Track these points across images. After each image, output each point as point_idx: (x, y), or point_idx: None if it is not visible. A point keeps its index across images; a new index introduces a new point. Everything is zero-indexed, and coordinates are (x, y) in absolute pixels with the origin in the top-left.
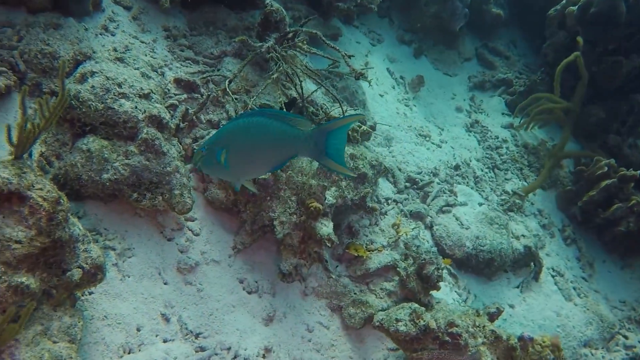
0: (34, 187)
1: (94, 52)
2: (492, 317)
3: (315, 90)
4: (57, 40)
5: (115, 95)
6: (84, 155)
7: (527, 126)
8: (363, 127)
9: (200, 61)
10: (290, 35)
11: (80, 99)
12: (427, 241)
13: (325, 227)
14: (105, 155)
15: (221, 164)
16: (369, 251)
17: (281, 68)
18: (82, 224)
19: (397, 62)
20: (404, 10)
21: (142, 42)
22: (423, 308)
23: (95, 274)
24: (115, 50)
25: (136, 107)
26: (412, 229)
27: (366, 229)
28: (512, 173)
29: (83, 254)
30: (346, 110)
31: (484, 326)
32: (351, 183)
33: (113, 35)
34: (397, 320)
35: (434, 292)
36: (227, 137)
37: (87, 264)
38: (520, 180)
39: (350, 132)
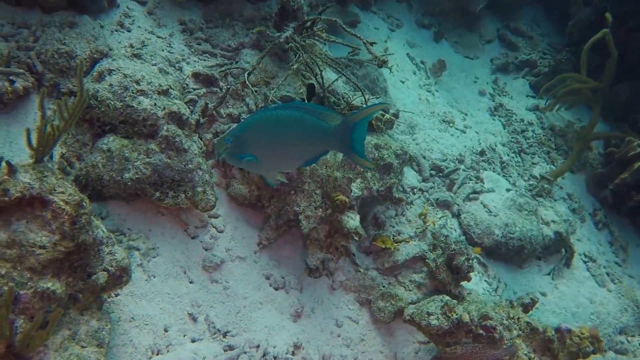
0: (55, 190)
1: (110, 50)
2: (526, 308)
3: (336, 80)
4: (73, 39)
5: (133, 92)
6: (104, 155)
7: (553, 107)
8: (386, 115)
9: (218, 54)
10: (309, 24)
11: (99, 98)
12: (455, 230)
13: (352, 220)
14: (126, 155)
15: (249, 157)
16: (396, 243)
17: (301, 58)
18: (105, 224)
19: (417, 46)
20: None
21: (159, 37)
22: (455, 301)
23: (120, 277)
24: (131, 46)
25: (155, 104)
26: (439, 218)
27: (392, 219)
28: (539, 157)
29: (108, 256)
30: (369, 99)
31: (518, 318)
32: (376, 174)
33: (129, 31)
34: (429, 313)
35: (464, 283)
36: (256, 129)
37: (112, 266)
38: (547, 164)
39: (373, 122)
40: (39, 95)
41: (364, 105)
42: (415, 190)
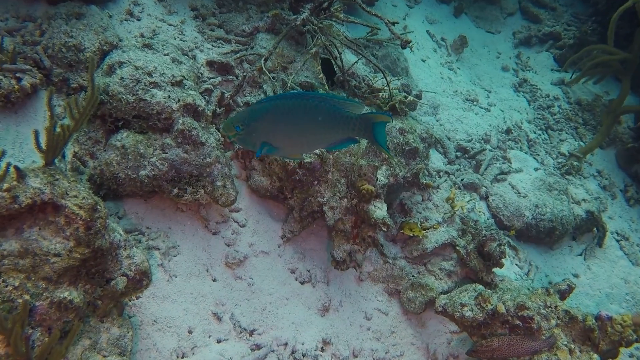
0: (68, 194)
1: (120, 40)
2: (563, 295)
3: (356, 62)
4: (81, 30)
5: (146, 85)
6: (118, 152)
7: (580, 81)
8: (409, 97)
9: (233, 40)
10: (326, 4)
11: (110, 93)
12: (484, 213)
13: (379, 210)
14: (141, 151)
15: (265, 145)
16: (424, 230)
17: (319, 41)
18: (122, 224)
19: (437, 23)
20: None
21: (170, 24)
22: (489, 290)
23: (140, 280)
24: (142, 36)
25: (169, 97)
26: (467, 201)
27: (419, 205)
28: (567, 133)
29: (126, 260)
30: (390, 81)
31: (556, 306)
32: (402, 159)
33: (139, 20)
34: (462, 305)
35: (496, 269)
36: (269, 119)
37: (131, 270)
38: (576, 141)
39: (397, 105)
40: (47, 94)
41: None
42: (441, 173)
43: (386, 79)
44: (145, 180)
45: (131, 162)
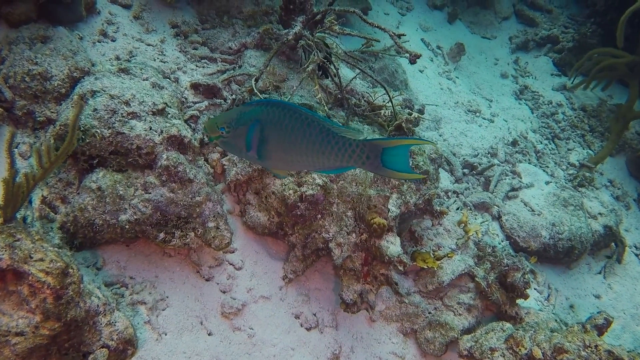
0: (32, 258)
1: (92, 65)
2: (600, 330)
3: (355, 77)
4: (47, 56)
5: (123, 116)
6: (94, 195)
7: (586, 86)
8: (413, 113)
9: (218, 59)
10: (319, 17)
11: (82, 128)
12: (497, 235)
13: (393, 245)
14: (120, 192)
15: (251, 151)
16: (437, 259)
17: (316, 58)
18: (102, 276)
19: (431, 30)
20: None
21: (149, 44)
22: (520, 331)
23: (124, 350)
24: (117, 58)
25: (150, 128)
26: (480, 223)
27: (429, 231)
28: (574, 141)
29: (107, 328)
30: (393, 97)
31: (596, 345)
32: (412, 185)
33: (113, 40)
34: (492, 349)
35: (520, 301)
36: (259, 126)
37: (113, 340)
38: (584, 149)
39: (403, 124)
40: (7, 137)
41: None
42: (449, 193)
43: (389, 96)
44: (127, 226)
45: (109, 206)
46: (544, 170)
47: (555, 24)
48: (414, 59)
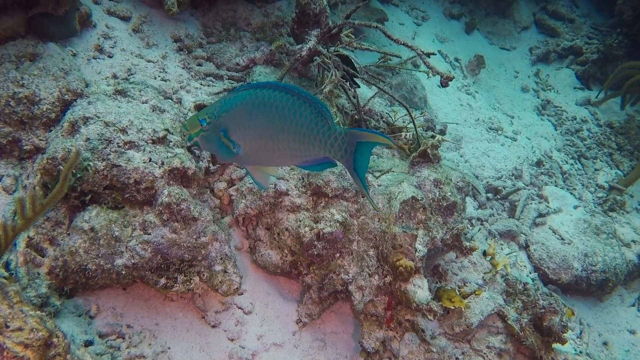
0: (8, 327)
1: (86, 86)
2: None
3: (373, 97)
4: (35, 77)
5: (120, 146)
6: (86, 236)
7: (623, 105)
8: (437, 136)
9: (225, 76)
10: (335, 30)
11: (72, 153)
12: (525, 266)
13: (420, 290)
14: (116, 233)
15: (229, 145)
16: (464, 297)
17: (335, 78)
18: (96, 325)
19: (448, 41)
20: None
21: (149, 60)
22: None
23: None
24: (114, 77)
25: (150, 160)
26: (507, 255)
27: (453, 264)
28: (602, 161)
29: None
30: (416, 117)
31: None
32: (439, 218)
33: (110, 57)
34: None
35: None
36: (243, 111)
37: None
38: (612, 169)
39: (429, 150)
40: None
41: (371, 130)
42: (473, 220)
43: (412, 119)
44: (123, 272)
45: (103, 249)
46: (571, 193)
47: (577, 34)
48: (445, 81)
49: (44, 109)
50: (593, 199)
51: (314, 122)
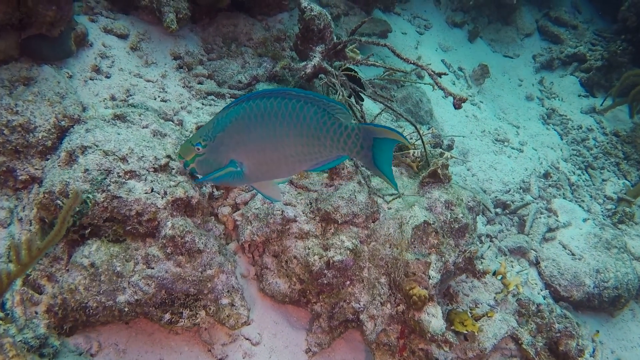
0: None
1: (83, 110)
2: None
3: (380, 113)
4: (30, 103)
5: (120, 176)
6: (86, 273)
7: (634, 114)
8: (446, 153)
9: (227, 94)
10: (340, 47)
11: (71, 195)
12: (536, 284)
13: (435, 319)
14: (118, 269)
15: (230, 165)
16: (475, 319)
17: (342, 97)
18: None
19: (451, 50)
20: None
21: (148, 80)
22: None
23: None
24: (112, 98)
25: (152, 190)
26: (518, 273)
27: (464, 284)
28: (609, 171)
29: None
30: (424, 134)
31: None
32: (450, 240)
33: (108, 77)
34: None
35: None
36: (239, 126)
37: None
38: (619, 179)
39: (439, 170)
40: None
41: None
42: (482, 237)
43: (421, 138)
44: (126, 308)
45: (105, 285)
46: (580, 206)
47: (581, 40)
48: (458, 103)
49: (40, 137)
50: (602, 211)
51: (322, 122)
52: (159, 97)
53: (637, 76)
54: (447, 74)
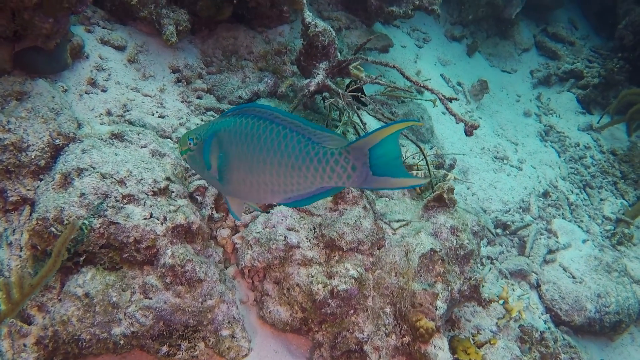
0: None
1: (79, 127)
2: None
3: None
4: (23, 120)
5: (117, 200)
6: (80, 303)
7: (632, 133)
8: (450, 175)
9: (227, 110)
10: (345, 64)
11: (66, 221)
12: (537, 307)
13: (442, 352)
14: (114, 299)
15: (211, 170)
16: (478, 346)
17: (347, 119)
18: None
19: (450, 64)
20: None
21: (146, 95)
22: None
23: None
24: (109, 113)
25: (151, 215)
26: (519, 297)
27: (466, 308)
28: (606, 190)
29: None
30: (428, 155)
31: None
32: (456, 267)
33: (104, 91)
34: None
35: None
36: (226, 138)
37: None
38: (617, 199)
39: (445, 195)
40: None
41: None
42: (483, 259)
43: (424, 156)
44: (122, 341)
45: (99, 317)
46: (579, 226)
47: (578, 57)
48: (470, 130)
49: (33, 156)
50: (600, 232)
51: (304, 151)
52: (156, 112)
53: (634, 95)
54: (457, 99)
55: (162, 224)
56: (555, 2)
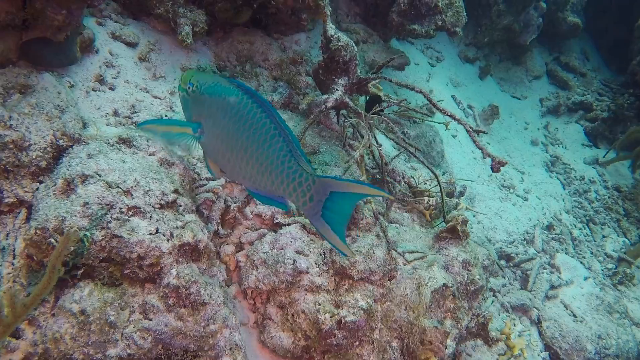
0: None
1: (84, 127)
2: None
3: (397, 156)
4: (26, 116)
5: (122, 212)
6: (75, 320)
7: (634, 169)
8: (461, 204)
9: None
10: (365, 82)
11: (67, 232)
12: (537, 344)
13: None
14: (111, 318)
15: (189, 130)
16: None
17: (367, 141)
18: None
19: (462, 85)
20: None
21: (155, 97)
22: None
23: None
24: (115, 114)
25: (157, 231)
26: (520, 333)
27: (467, 342)
28: (609, 227)
29: None
30: (443, 182)
31: None
32: (465, 303)
33: (112, 89)
34: None
35: None
36: (220, 104)
37: None
38: (619, 236)
39: (459, 227)
40: None
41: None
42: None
43: (439, 183)
44: None
45: (95, 336)
46: (581, 262)
47: (588, 89)
48: (497, 167)
49: (34, 156)
50: (602, 270)
51: (280, 160)
52: (165, 116)
53: None
54: (486, 133)
55: (168, 240)
56: (572, 32)
